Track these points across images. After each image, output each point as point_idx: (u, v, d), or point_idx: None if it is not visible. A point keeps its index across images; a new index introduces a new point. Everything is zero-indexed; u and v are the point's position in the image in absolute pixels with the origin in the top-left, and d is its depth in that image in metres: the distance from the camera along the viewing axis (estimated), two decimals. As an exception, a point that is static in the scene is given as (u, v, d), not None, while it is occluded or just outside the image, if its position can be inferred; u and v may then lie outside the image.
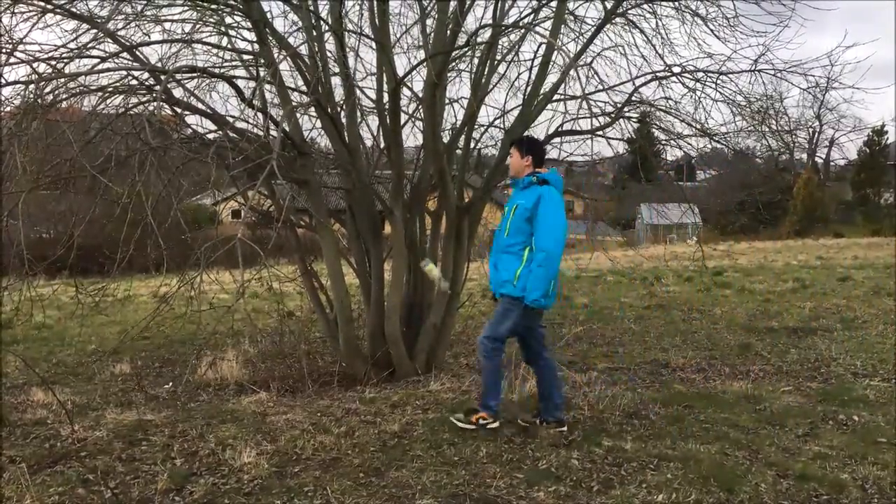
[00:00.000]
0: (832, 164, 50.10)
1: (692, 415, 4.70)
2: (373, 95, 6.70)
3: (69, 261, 5.14)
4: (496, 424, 4.26)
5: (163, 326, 7.53)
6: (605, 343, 7.50)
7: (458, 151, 6.56)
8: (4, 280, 5.07)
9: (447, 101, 6.71)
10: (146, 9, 5.74)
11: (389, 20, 6.06)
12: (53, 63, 4.45)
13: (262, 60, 5.58)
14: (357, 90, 6.53)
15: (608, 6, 6.26)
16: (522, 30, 6.51)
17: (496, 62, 6.61)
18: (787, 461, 3.86)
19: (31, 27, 4.51)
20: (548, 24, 6.48)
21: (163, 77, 4.67)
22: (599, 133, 6.36)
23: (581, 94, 6.26)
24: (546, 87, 6.35)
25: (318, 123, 6.41)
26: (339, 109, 6.17)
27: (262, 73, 5.56)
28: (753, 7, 6.02)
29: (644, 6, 6.46)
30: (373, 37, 6.00)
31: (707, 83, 6.17)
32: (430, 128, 5.76)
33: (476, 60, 6.61)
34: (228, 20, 6.42)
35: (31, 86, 4.36)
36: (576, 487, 3.55)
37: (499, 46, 6.56)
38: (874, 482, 3.59)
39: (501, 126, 6.83)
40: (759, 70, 6.03)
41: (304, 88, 6.13)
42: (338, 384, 5.66)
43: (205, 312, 5.89)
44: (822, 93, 6.23)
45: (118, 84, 4.86)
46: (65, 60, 4.55)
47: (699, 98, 6.23)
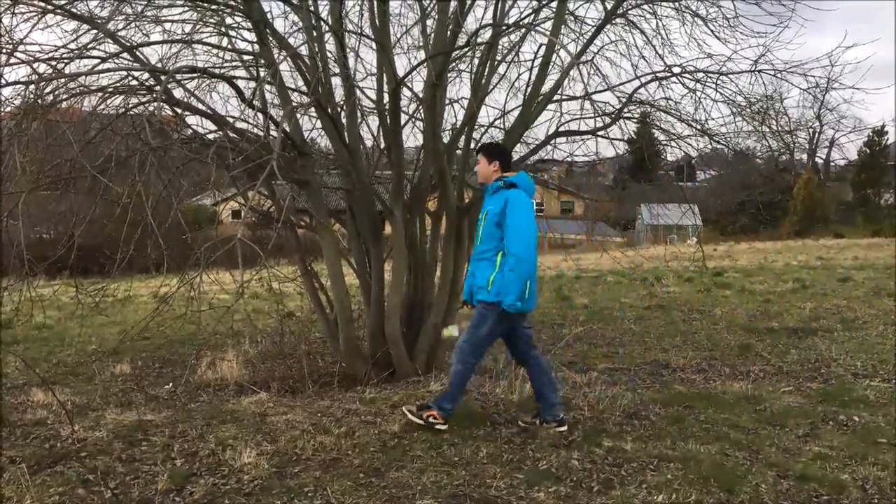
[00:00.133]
0: (832, 165, 50.15)
1: (692, 415, 4.70)
2: (373, 96, 6.70)
3: (69, 261, 5.14)
4: (444, 427, 4.31)
5: (163, 327, 7.52)
6: (606, 343, 7.50)
7: (459, 152, 6.56)
8: (5, 280, 5.07)
9: (447, 102, 6.70)
10: (146, 9, 5.73)
11: (389, 20, 6.06)
12: (54, 63, 4.46)
13: (263, 61, 5.58)
14: (357, 90, 6.53)
15: (608, 6, 6.27)
16: (523, 30, 6.51)
17: (496, 62, 6.61)
18: (788, 461, 3.86)
19: (32, 28, 4.52)
20: (548, 25, 6.49)
21: (163, 77, 4.67)
22: (600, 133, 6.37)
23: (583, 95, 6.28)
24: (546, 88, 6.36)
25: (319, 124, 6.41)
26: (340, 110, 6.16)
27: (263, 74, 5.56)
28: (753, 7, 6.04)
29: (644, 7, 6.48)
30: (373, 37, 6.00)
31: (707, 83, 6.18)
32: (431, 128, 5.76)
33: (476, 61, 6.61)
34: (229, 21, 6.42)
35: (32, 86, 4.37)
36: (576, 488, 3.55)
37: (499, 47, 6.56)
38: (874, 482, 3.59)
39: (502, 126, 6.84)
40: (760, 70, 6.05)
41: (305, 89, 6.13)
42: (338, 384, 5.66)
43: (205, 313, 5.91)
44: (823, 93, 6.26)
45: (118, 84, 4.86)
46: (65, 61, 4.56)
47: (699, 98, 6.25)
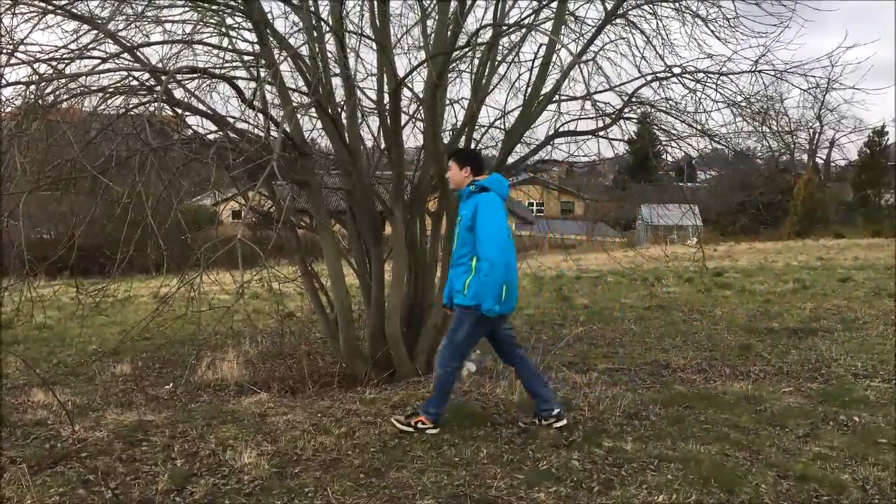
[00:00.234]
0: (833, 165, 50.19)
1: (692, 415, 4.70)
2: (373, 96, 6.70)
3: (70, 261, 5.15)
4: (435, 430, 4.34)
5: (163, 327, 7.52)
6: (606, 344, 7.50)
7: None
8: (5, 281, 5.07)
9: (448, 102, 6.70)
10: (147, 10, 5.73)
11: (390, 21, 6.07)
12: (54, 64, 4.46)
13: (263, 61, 5.58)
14: (358, 91, 6.52)
15: (608, 7, 6.27)
16: (523, 30, 6.51)
17: (497, 63, 6.61)
18: (788, 462, 3.86)
19: (32, 28, 4.53)
20: (548, 25, 6.49)
21: (163, 78, 4.68)
22: (601, 134, 6.37)
23: (584, 95, 6.29)
24: (547, 88, 6.36)
25: (319, 124, 6.40)
26: (340, 110, 6.16)
27: (263, 74, 5.56)
28: (754, 8, 6.04)
29: (644, 7, 6.47)
30: (373, 37, 6.00)
31: (707, 84, 6.18)
32: (431, 129, 5.77)
33: (476, 61, 6.61)
34: (229, 21, 6.42)
35: (32, 86, 4.37)
36: (576, 488, 3.55)
37: (499, 47, 6.56)
38: (875, 483, 3.59)
39: (502, 127, 6.84)
40: (760, 71, 6.05)
41: (305, 89, 6.13)
42: (338, 385, 5.66)
43: (205, 313, 5.91)
44: (823, 93, 6.25)
45: (119, 85, 4.86)
46: (66, 61, 4.57)
47: (700, 99, 6.26)
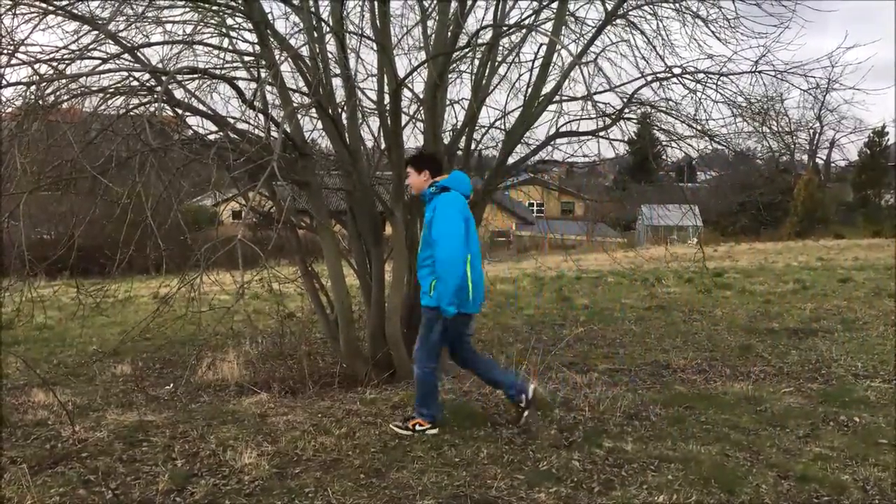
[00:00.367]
0: (833, 166, 50.20)
1: (693, 416, 4.70)
2: (374, 97, 6.70)
3: (70, 262, 5.16)
4: (435, 430, 4.35)
5: (163, 327, 7.52)
6: (606, 344, 7.50)
7: (459, 153, 6.56)
8: (5, 281, 5.08)
9: (448, 103, 6.70)
10: (147, 10, 5.74)
11: (390, 21, 6.07)
12: (55, 64, 4.47)
13: (264, 62, 5.59)
14: (358, 91, 6.53)
15: (609, 7, 6.27)
16: (523, 31, 6.51)
17: (497, 63, 6.61)
18: (788, 462, 3.86)
19: (33, 28, 4.55)
20: (548, 26, 6.50)
21: (164, 78, 4.68)
22: (601, 134, 6.37)
23: (584, 95, 6.29)
24: (547, 89, 6.36)
25: (320, 125, 6.41)
26: (340, 111, 6.17)
27: (264, 75, 5.57)
28: (754, 8, 6.05)
29: (645, 7, 6.48)
30: (374, 38, 6.01)
31: (708, 84, 6.18)
32: (431, 129, 5.77)
33: (477, 62, 6.62)
34: (230, 21, 6.42)
35: (33, 87, 4.37)
36: (576, 488, 3.55)
37: (500, 48, 6.57)
38: (875, 483, 3.59)
39: (502, 127, 6.84)
40: (760, 71, 6.06)
41: (306, 90, 6.13)
42: (338, 385, 5.66)
43: (205, 313, 5.91)
44: (823, 94, 6.26)
45: (119, 85, 4.87)
46: (66, 62, 4.57)
47: (700, 99, 6.25)
